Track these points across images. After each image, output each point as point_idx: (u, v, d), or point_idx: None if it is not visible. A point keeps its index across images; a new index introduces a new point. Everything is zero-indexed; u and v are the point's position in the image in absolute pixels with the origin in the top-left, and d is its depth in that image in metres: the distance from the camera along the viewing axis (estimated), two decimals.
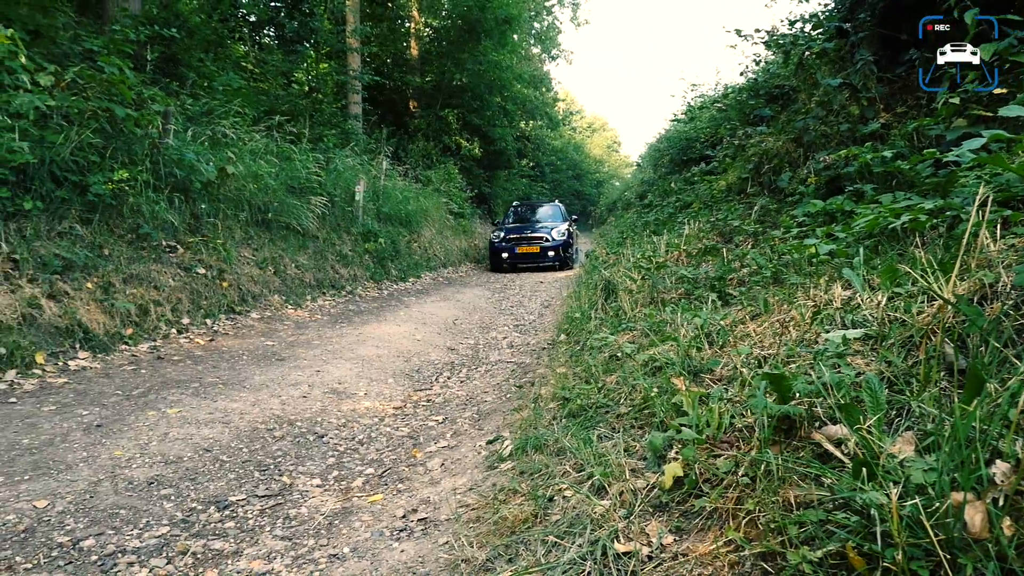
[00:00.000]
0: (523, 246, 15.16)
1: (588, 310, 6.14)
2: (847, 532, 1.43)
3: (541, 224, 16.49)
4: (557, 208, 18.12)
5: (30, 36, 6.72)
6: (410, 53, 21.89)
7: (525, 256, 15.13)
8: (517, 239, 15.30)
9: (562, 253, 15.26)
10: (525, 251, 15.10)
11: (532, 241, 15.26)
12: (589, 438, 2.57)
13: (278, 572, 2.14)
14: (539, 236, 15.31)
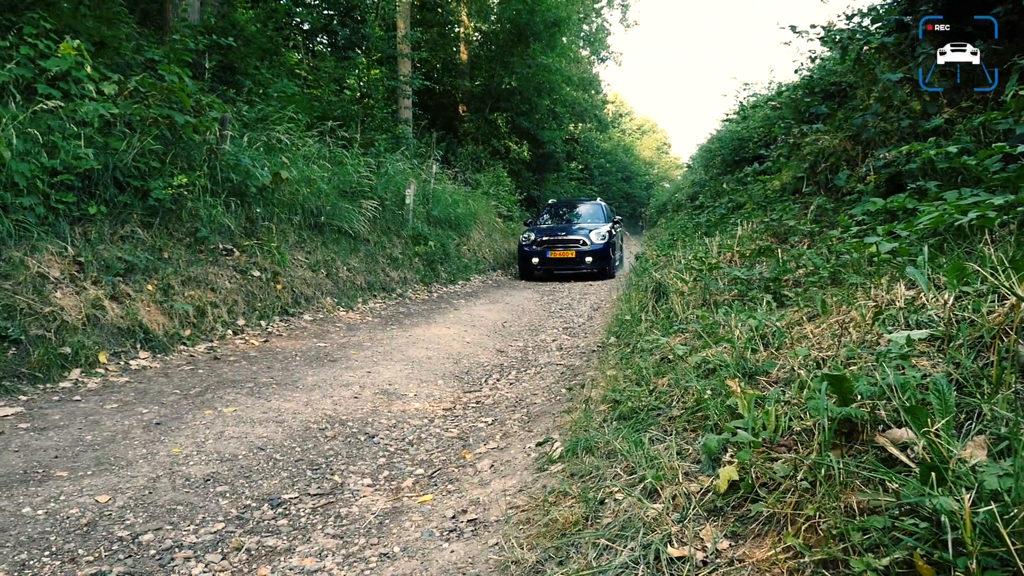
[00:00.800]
0: (557, 250, 13.31)
1: (638, 312, 6.06)
2: (915, 540, 1.36)
3: (579, 225, 14.49)
4: (599, 207, 15.84)
5: (95, 47, 6.97)
6: (460, 58, 22.04)
7: (558, 262, 13.32)
8: (550, 242, 13.43)
9: (602, 259, 13.34)
10: (559, 256, 13.28)
11: (567, 245, 13.36)
12: (640, 440, 2.52)
13: (329, 570, 2.15)
14: (575, 239, 13.40)
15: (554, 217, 15.89)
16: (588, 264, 13.24)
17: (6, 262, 4.64)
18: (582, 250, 13.29)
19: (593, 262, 13.25)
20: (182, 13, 9.16)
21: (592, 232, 13.54)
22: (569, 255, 13.29)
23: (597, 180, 37.34)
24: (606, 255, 13.40)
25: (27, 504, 2.61)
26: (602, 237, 13.47)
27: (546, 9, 20.74)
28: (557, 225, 14.85)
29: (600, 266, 13.35)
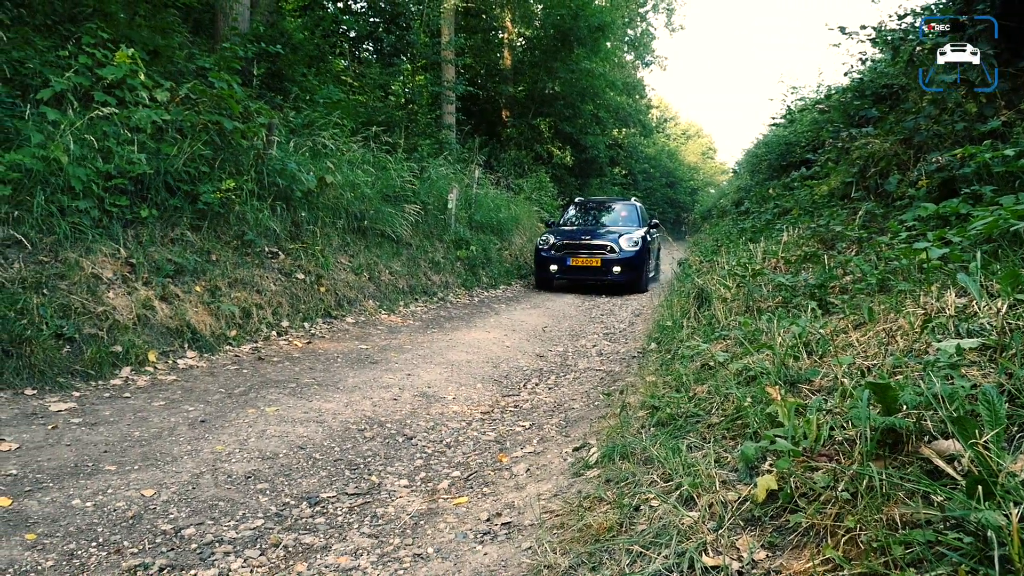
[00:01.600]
0: (579, 257, 11.63)
1: (680, 318, 6.00)
2: (959, 555, 1.31)
3: (607, 229, 12.71)
4: (633, 209, 13.82)
5: (150, 56, 7.18)
6: (503, 63, 22.13)
7: (581, 271, 11.64)
8: (571, 247, 11.74)
9: (632, 270, 11.63)
10: (581, 264, 11.58)
11: (592, 251, 11.66)
12: (678, 447, 2.49)
13: (364, 569, 2.17)
14: (601, 245, 11.67)
15: (580, 218, 13.99)
16: (616, 275, 11.48)
17: (62, 263, 4.80)
18: (609, 258, 11.53)
19: (621, 272, 11.48)
20: (232, 22, 9.38)
21: (622, 237, 11.74)
22: (593, 263, 11.55)
23: (641, 185, 37.08)
24: (638, 265, 11.67)
25: (77, 496, 2.70)
26: (634, 244, 11.67)
27: (590, 14, 20.70)
28: (582, 227, 12.97)
29: (630, 277, 11.64)
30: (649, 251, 12.36)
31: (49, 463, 3.03)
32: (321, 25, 12.82)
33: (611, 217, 13.87)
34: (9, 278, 4.45)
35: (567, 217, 14.01)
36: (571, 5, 20.14)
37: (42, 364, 4.21)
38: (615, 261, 11.48)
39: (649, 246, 12.36)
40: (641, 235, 12.01)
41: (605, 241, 11.73)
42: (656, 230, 13.82)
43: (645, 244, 11.95)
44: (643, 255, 11.84)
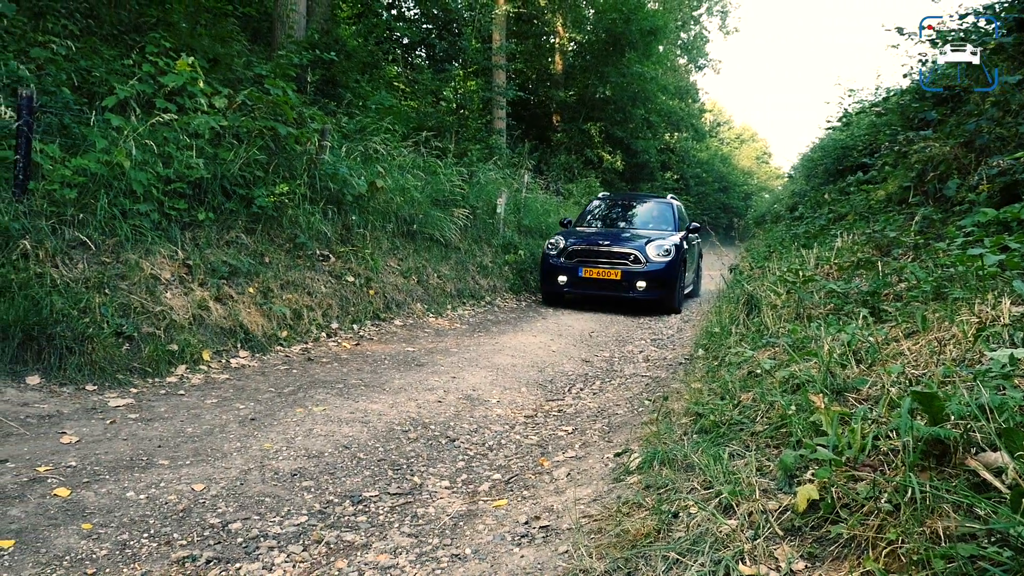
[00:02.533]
0: (595, 267, 9.53)
1: (728, 325, 5.91)
2: (1002, 570, 1.27)
3: (634, 232, 10.59)
4: (668, 208, 11.50)
5: (209, 64, 7.42)
6: (554, 68, 22.17)
7: (596, 284, 9.56)
8: (586, 254, 9.71)
9: (662, 285, 9.44)
10: (597, 276, 9.51)
11: (612, 260, 9.55)
12: (719, 455, 2.46)
13: (402, 567, 2.20)
14: (623, 253, 9.54)
15: (603, 217, 11.81)
16: (640, 291, 9.37)
17: (123, 264, 4.99)
18: (632, 270, 9.42)
19: (648, 289, 9.37)
20: (289, 30, 9.63)
21: (651, 244, 9.64)
22: (612, 276, 9.44)
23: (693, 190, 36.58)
24: (669, 279, 9.53)
25: (131, 488, 2.80)
26: (665, 252, 9.55)
27: (642, 18, 20.61)
28: (603, 230, 11.09)
29: (658, 294, 9.51)
30: (685, 262, 10.14)
31: (106, 456, 3.15)
32: (375, 32, 13.07)
33: (641, 217, 11.57)
34: (73, 278, 4.65)
35: (587, 215, 11.86)
36: (623, 9, 20.08)
37: (103, 361, 4.38)
38: (640, 274, 9.36)
39: (685, 256, 10.16)
40: (675, 242, 9.83)
41: (628, 248, 9.59)
42: (696, 235, 11.91)
43: (679, 254, 9.76)
44: (676, 267, 9.61)
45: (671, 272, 9.55)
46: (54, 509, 2.57)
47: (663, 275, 9.45)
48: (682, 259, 9.89)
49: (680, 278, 9.84)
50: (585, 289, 9.69)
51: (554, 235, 10.48)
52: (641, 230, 10.79)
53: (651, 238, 9.92)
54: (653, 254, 9.49)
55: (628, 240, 9.92)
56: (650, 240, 9.80)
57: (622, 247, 9.66)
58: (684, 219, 11.66)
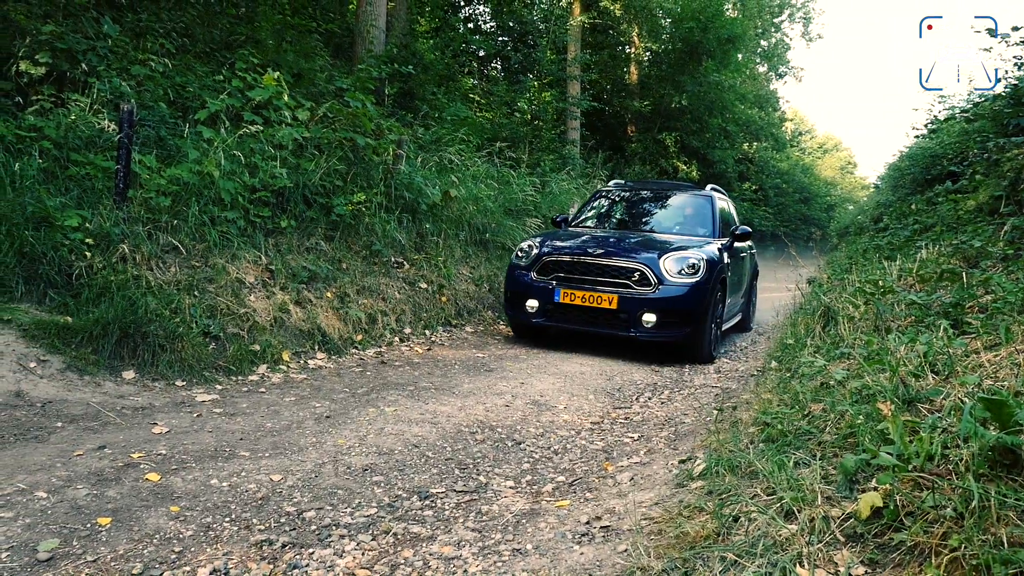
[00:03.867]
0: (579, 288, 6.49)
1: (804, 337, 5.77)
2: None
3: (648, 237, 7.43)
4: (705, 204, 8.09)
5: (293, 78, 7.76)
6: (629, 78, 22.09)
7: (579, 314, 6.52)
8: (568, 266, 6.69)
9: (683, 319, 6.42)
10: (580, 303, 6.45)
11: (607, 279, 6.50)
12: (784, 462, 2.43)
13: (465, 559, 2.27)
14: (623, 268, 6.52)
15: (611, 215, 8.37)
16: (647, 328, 6.28)
17: (211, 268, 5.28)
18: (635, 295, 6.32)
19: (660, 324, 6.29)
20: (369, 45, 9.96)
21: (669, 256, 6.52)
22: (604, 302, 6.35)
23: (773, 202, 35.64)
24: (694, 311, 6.41)
25: (215, 476, 2.97)
26: (690, 269, 6.45)
27: (720, 26, 20.30)
28: (605, 232, 7.76)
29: (676, 333, 6.43)
30: (725, 283, 6.99)
31: (193, 446, 3.35)
32: (451, 45, 13.35)
33: (666, 217, 8.14)
34: (166, 280, 4.94)
35: (589, 211, 8.45)
36: (701, 18, 19.84)
37: (191, 359, 4.63)
38: (648, 302, 6.25)
39: (726, 274, 7.02)
40: (708, 254, 6.70)
41: (632, 262, 6.46)
42: (748, 244, 8.78)
43: (714, 272, 6.59)
44: (706, 293, 6.41)
45: (698, 299, 6.32)
46: (146, 492, 2.76)
47: (685, 304, 6.27)
48: (719, 279, 6.71)
49: (714, 308, 6.62)
50: (563, 321, 6.55)
51: (532, 238, 7.32)
52: (662, 234, 7.53)
53: (672, 247, 6.76)
54: (671, 271, 6.34)
55: (635, 249, 6.75)
56: (669, 250, 6.61)
57: (624, 259, 6.50)
58: (729, 220, 8.38)
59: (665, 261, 6.46)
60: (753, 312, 9.91)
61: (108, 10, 6.74)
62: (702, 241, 7.25)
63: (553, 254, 6.77)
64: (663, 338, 6.46)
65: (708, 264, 6.56)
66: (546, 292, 6.57)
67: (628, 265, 6.49)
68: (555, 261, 6.71)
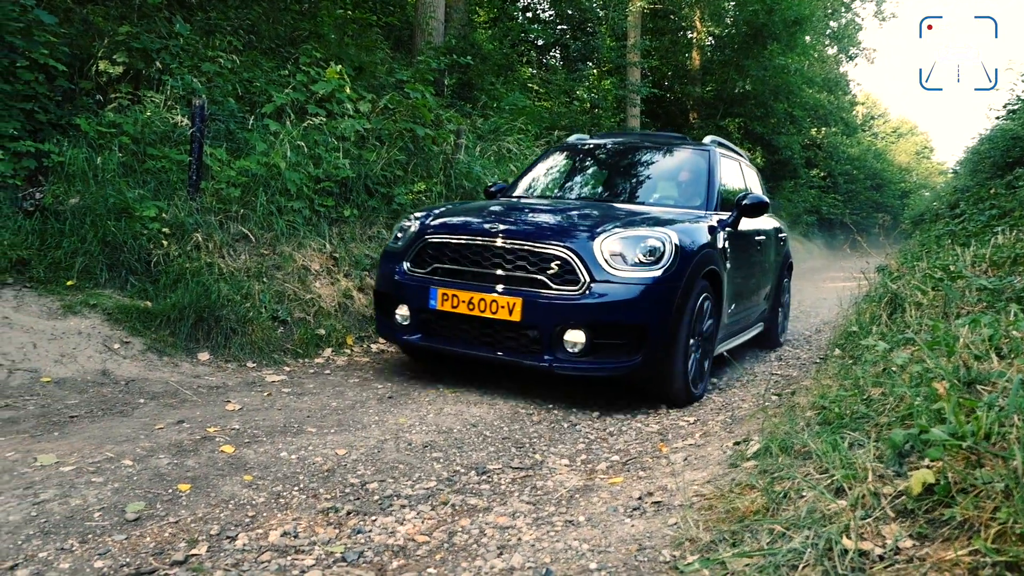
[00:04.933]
0: (464, 287, 4.10)
1: (868, 324, 5.65)
2: None
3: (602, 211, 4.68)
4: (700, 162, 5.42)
5: (355, 71, 7.95)
6: (691, 64, 21.74)
7: (464, 328, 4.16)
8: (454, 253, 4.24)
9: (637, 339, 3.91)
10: (465, 310, 4.04)
11: (504, 275, 4.04)
12: (838, 442, 2.43)
13: (519, 528, 2.35)
14: (533, 256, 4.01)
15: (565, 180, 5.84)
16: (569, 354, 3.93)
17: (279, 255, 5.49)
18: (547, 301, 3.90)
19: (590, 348, 3.89)
20: (428, 37, 10.10)
21: (610, 238, 4.01)
22: (499, 311, 3.98)
23: (842, 188, 34.57)
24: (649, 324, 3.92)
25: (284, 450, 3.13)
26: (648, 256, 3.99)
27: (786, 8, 19.76)
28: (528, 203, 5.20)
29: (619, 364, 3.96)
30: (718, 280, 4.61)
31: (263, 422, 3.53)
32: (510, 35, 13.41)
33: (642, 181, 5.65)
34: (237, 268, 5.17)
35: (536, 174, 5.93)
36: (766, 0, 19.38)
37: (260, 342, 4.85)
38: (570, 310, 3.87)
39: (719, 266, 4.60)
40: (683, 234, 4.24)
41: (549, 246, 4.02)
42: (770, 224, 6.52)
43: (693, 262, 4.18)
44: (673, 293, 4.01)
45: (660, 305, 3.96)
46: (221, 462, 2.93)
47: (636, 313, 3.91)
48: (705, 273, 4.32)
49: (694, 320, 4.22)
50: (444, 340, 4.29)
51: (420, 211, 4.99)
52: (631, 205, 5.12)
53: (624, 221, 4.29)
54: (613, 259, 3.95)
55: (564, 226, 4.30)
56: (616, 226, 4.14)
57: (538, 241, 4.07)
58: (743, 187, 5.86)
59: (604, 243, 3.91)
60: (784, 320, 7.18)
61: (179, 10, 7.04)
62: (688, 215, 4.70)
63: (437, 234, 4.25)
64: (598, 371, 3.94)
65: (680, 249, 4.02)
66: (420, 293, 4.15)
67: (543, 250, 3.94)
68: (438, 245, 4.23)
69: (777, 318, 6.84)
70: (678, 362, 4.11)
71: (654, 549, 2.05)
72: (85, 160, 5.01)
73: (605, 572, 1.94)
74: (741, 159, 6.39)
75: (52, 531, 2.21)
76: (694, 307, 4.17)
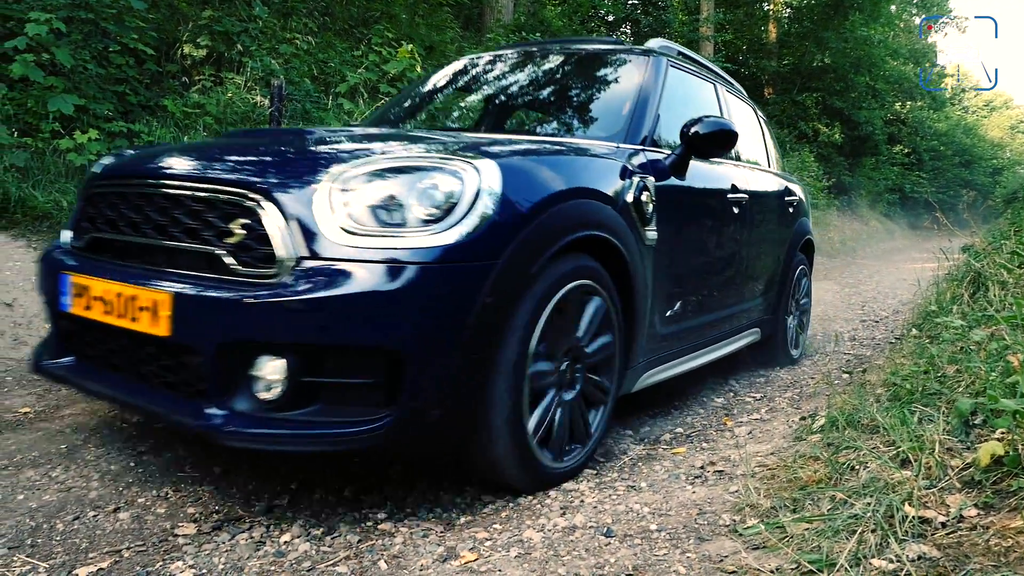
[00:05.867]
0: (111, 274, 2.08)
1: (949, 304, 5.46)
2: None
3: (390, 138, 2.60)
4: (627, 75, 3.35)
5: (426, 51, 8.07)
6: (767, 37, 21.08)
7: (110, 343, 2.17)
8: (119, 220, 2.21)
9: (387, 376, 1.84)
10: (105, 317, 2.05)
11: (170, 246, 2.03)
12: (907, 416, 2.40)
13: (581, 491, 2.40)
14: (214, 211, 1.95)
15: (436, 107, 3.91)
16: (257, 403, 1.86)
17: None
18: (218, 298, 1.84)
19: (296, 391, 1.84)
20: (497, 15, 10.14)
21: (373, 173, 1.93)
22: (140, 314, 1.94)
23: (927, 166, 32.96)
24: (426, 362, 1.86)
25: None
26: (459, 216, 1.91)
27: None
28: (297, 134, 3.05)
29: (355, 427, 1.84)
30: (628, 263, 2.57)
31: None
32: (579, 11, 13.29)
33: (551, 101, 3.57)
34: None
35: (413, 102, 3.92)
36: None
37: None
38: (259, 316, 1.79)
39: (635, 241, 2.63)
40: (526, 173, 2.18)
41: (241, 194, 1.92)
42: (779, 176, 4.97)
43: (536, 225, 2.08)
44: (478, 295, 1.91)
45: (436, 318, 1.87)
46: None
47: (380, 331, 1.81)
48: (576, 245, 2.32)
49: (527, 343, 2.11)
50: (91, 370, 2.30)
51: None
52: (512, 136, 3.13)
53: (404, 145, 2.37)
54: (356, 214, 1.89)
55: (282, 159, 2.25)
56: (374, 157, 2.07)
57: (215, 183, 2.00)
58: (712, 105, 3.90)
59: (335, 186, 1.93)
60: (799, 328, 5.27)
61: None
62: (575, 147, 2.75)
63: (103, 181, 2.44)
64: (311, 442, 1.91)
65: (502, 200, 2.00)
66: (51, 284, 2.39)
67: (217, 196, 1.99)
68: (99, 198, 2.39)
69: (785, 323, 4.87)
70: (496, 418, 2.10)
71: (714, 514, 2.08)
72: (172, 139, 5.27)
73: (665, 533, 1.98)
74: (721, 82, 4.26)
75: (149, 480, 2.39)
76: (538, 315, 2.15)
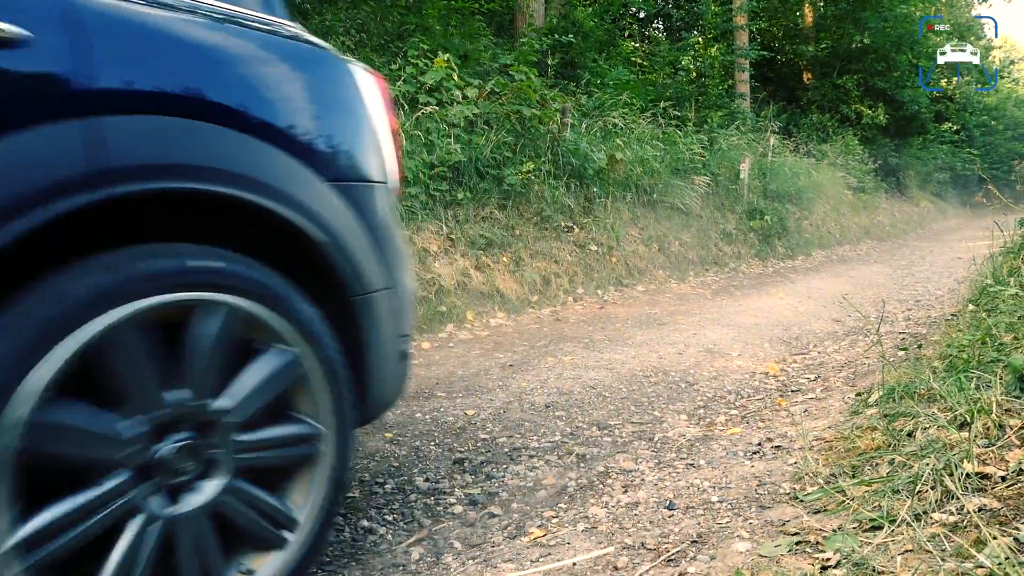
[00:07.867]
0: None
1: (1006, 277, 5.36)
2: None
3: None
4: None
5: (461, 59, 8.19)
6: (803, 21, 20.72)
7: None
8: None
9: None
10: None
11: None
12: (964, 383, 2.40)
13: (642, 471, 2.48)
14: None
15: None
16: None
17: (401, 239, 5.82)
18: None
19: None
20: (529, 19, 10.25)
21: None
22: None
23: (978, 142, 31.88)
24: None
25: (418, 411, 3.40)
26: None
27: None
28: None
29: None
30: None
31: None
32: (610, 10, 13.32)
33: None
34: None
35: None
36: None
37: None
38: None
39: None
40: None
41: None
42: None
43: None
44: None
45: None
46: None
47: None
48: None
49: None
50: None
51: None
52: None
53: None
54: None
55: None
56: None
57: None
58: None
59: None
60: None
61: (296, 15, 7.50)
62: None
63: None
64: None
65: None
66: None
67: None
68: None
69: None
70: None
71: (774, 484, 2.13)
72: None
73: (726, 504, 2.04)
74: None
75: None
76: None
